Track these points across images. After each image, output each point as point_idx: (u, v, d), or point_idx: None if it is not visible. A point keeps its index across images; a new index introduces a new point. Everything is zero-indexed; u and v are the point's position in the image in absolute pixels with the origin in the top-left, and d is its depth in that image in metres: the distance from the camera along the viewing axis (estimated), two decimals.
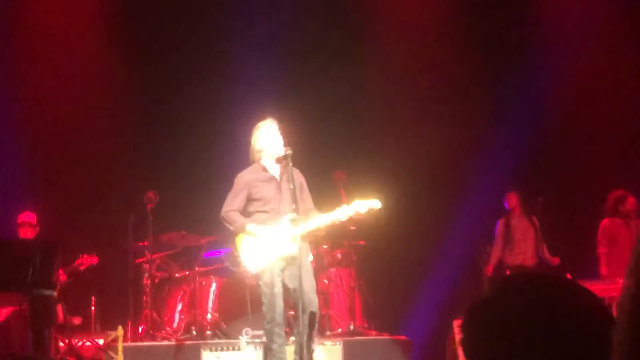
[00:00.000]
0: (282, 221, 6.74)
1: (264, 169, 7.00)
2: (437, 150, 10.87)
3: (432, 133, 10.95)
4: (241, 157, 9.24)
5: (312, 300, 6.67)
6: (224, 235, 8.98)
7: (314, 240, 7.20)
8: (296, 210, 6.70)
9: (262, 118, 7.16)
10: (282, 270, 6.72)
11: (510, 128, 10.68)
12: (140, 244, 9.13)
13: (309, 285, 6.72)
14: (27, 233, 8.71)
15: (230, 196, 6.99)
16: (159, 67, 10.95)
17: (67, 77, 10.67)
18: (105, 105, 10.65)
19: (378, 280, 9.78)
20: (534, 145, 10.70)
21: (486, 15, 10.98)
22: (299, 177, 7.07)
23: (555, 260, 9.74)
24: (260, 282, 6.76)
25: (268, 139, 7.00)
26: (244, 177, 7.02)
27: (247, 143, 7.32)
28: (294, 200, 6.72)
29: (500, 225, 9.98)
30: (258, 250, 6.76)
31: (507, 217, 9.97)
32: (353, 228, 8.79)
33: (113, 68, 10.71)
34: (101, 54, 10.76)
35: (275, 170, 6.99)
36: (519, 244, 9.89)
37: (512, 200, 9.96)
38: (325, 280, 9.07)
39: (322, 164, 7.57)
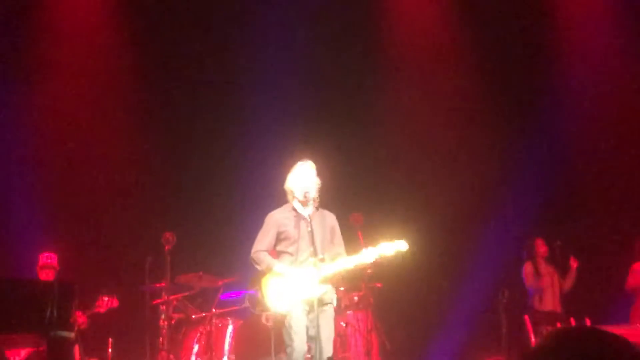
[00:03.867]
0: (305, 263, 6.74)
1: (294, 209, 7.00)
2: (455, 193, 10.87)
3: (449, 176, 10.96)
4: (259, 198, 9.28)
5: (326, 349, 6.65)
6: (242, 276, 8.99)
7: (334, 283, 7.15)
8: (314, 253, 6.69)
9: (299, 158, 7.16)
10: (307, 314, 6.71)
11: (530, 172, 10.65)
12: (158, 285, 9.12)
13: (326, 334, 6.70)
14: (49, 275, 8.72)
15: (259, 236, 7.01)
16: (178, 108, 11.03)
17: (86, 118, 10.75)
18: (124, 147, 10.72)
19: (395, 323, 9.73)
20: (555, 188, 10.68)
21: (509, 57, 11.02)
22: (331, 220, 7.08)
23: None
24: (285, 324, 6.75)
25: (297, 181, 7.01)
26: (273, 216, 7.05)
27: (264, 185, 7.33)
28: (312, 242, 6.72)
29: (528, 271, 9.93)
30: (284, 292, 6.76)
31: (533, 262, 9.91)
32: (370, 270, 8.76)
33: (131, 110, 10.79)
34: (118, 92, 10.85)
35: (305, 211, 6.97)
36: (548, 290, 9.85)
37: (541, 245, 9.93)
38: (342, 323, 9.03)
39: (339, 206, 7.57)
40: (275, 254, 7.04)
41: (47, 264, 8.84)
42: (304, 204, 6.94)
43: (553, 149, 10.77)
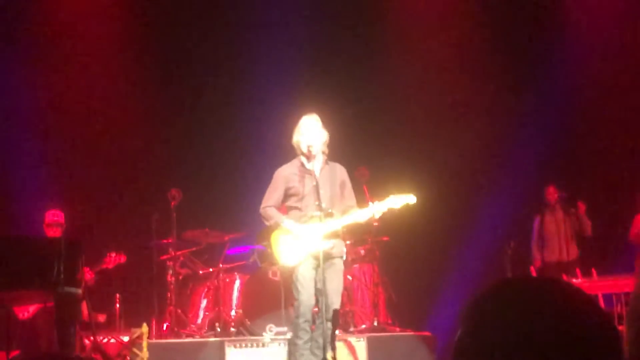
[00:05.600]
0: (313, 218, 6.72)
1: (302, 164, 6.96)
2: (460, 146, 10.84)
3: (455, 128, 10.92)
4: (264, 154, 9.27)
5: (334, 303, 6.67)
6: (248, 231, 9.02)
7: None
8: (319, 207, 6.67)
9: (305, 112, 7.09)
10: (315, 268, 6.72)
11: (538, 122, 10.61)
12: (164, 241, 9.16)
13: (334, 287, 6.72)
14: (55, 232, 8.73)
15: (268, 192, 6.98)
16: (182, 64, 10.98)
17: (92, 76, 10.72)
18: (129, 103, 10.69)
19: (401, 276, 9.77)
20: (562, 140, 10.66)
21: (515, 12, 10.95)
22: (341, 173, 7.04)
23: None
24: (293, 278, 6.77)
25: (300, 135, 6.95)
26: (281, 172, 7.00)
27: (269, 139, 7.28)
28: (318, 197, 6.70)
29: (536, 221, 10.04)
30: (293, 246, 6.77)
31: (542, 212, 10.00)
32: (376, 224, 8.76)
33: (137, 66, 10.74)
34: (125, 51, 10.80)
35: (313, 165, 6.91)
36: (552, 239, 9.88)
37: (552, 192, 9.96)
38: (348, 277, 9.06)
39: (345, 160, 7.54)
40: (285, 209, 7.02)
41: (54, 222, 8.84)
42: (310, 158, 6.89)
43: (560, 103, 10.70)
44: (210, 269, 9.29)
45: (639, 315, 1.39)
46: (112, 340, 8.54)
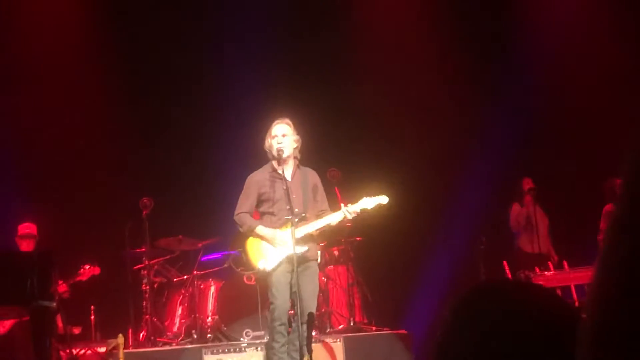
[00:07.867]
0: (286, 222, 6.76)
1: (273, 169, 6.98)
2: (431, 145, 10.90)
3: (426, 128, 10.97)
4: (236, 159, 9.27)
5: (310, 306, 6.72)
6: (221, 238, 9.02)
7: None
8: (291, 212, 6.71)
9: (276, 117, 7.10)
10: (290, 272, 6.75)
11: (506, 119, 10.68)
12: (138, 250, 9.15)
13: (310, 290, 6.77)
14: (29, 245, 8.69)
15: (241, 198, 7.00)
16: (151, 72, 10.93)
17: (61, 86, 10.64)
18: (98, 112, 10.62)
19: (376, 276, 9.80)
20: (531, 135, 10.74)
21: (482, 5, 11.06)
22: (313, 178, 7.08)
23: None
24: (269, 283, 6.80)
25: (271, 139, 6.97)
26: (253, 178, 7.02)
27: (241, 144, 7.28)
28: (289, 201, 6.74)
29: (513, 212, 10.04)
30: (267, 251, 6.81)
31: (520, 203, 10.02)
32: (349, 225, 8.80)
33: (105, 75, 10.68)
34: (93, 62, 10.73)
35: (284, 170, 6.91)
36: (528, 231, 9.94)
37: (528, 184, 10.00)
38: (323, 278, 9.08)
39: (316, 163, 7.56)
40: (259, 215, 7.05)
41: (27, 234, 8.81)
42: (281, 162, 6.91)
43: (529, 98, 10.79)
44: (185, 276, 9.29)
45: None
46: (89, 352, 8.51)
